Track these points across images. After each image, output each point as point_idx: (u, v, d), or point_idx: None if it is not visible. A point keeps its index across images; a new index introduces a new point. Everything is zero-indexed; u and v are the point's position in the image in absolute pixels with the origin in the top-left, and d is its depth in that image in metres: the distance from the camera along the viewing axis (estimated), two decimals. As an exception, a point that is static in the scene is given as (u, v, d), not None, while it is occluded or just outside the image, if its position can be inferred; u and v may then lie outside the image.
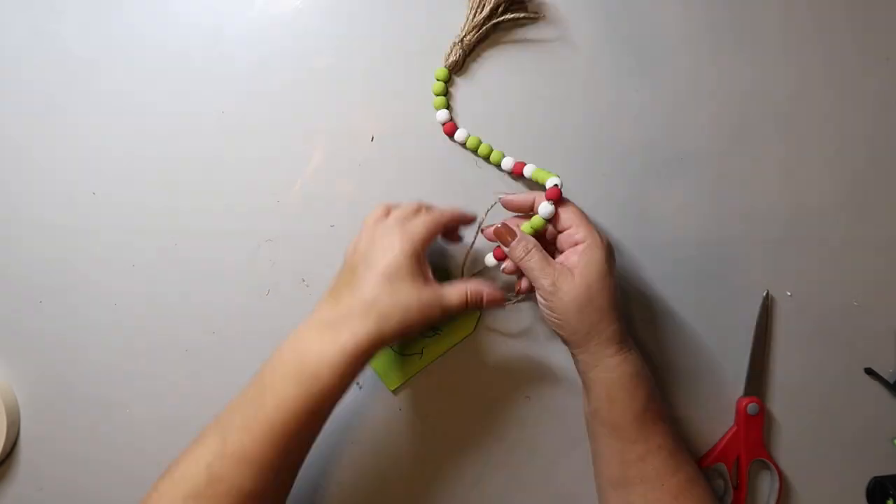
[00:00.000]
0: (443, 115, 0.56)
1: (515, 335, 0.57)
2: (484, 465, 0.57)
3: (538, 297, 0.50)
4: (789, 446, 0.57)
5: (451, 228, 0.54)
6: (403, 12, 0.57)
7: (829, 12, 0.58)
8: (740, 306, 0.57)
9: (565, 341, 0.51)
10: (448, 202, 0.57)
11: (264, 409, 0.45)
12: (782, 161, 0.57)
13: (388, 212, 0.51)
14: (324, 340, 0.45)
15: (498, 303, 0.51)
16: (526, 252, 0.50)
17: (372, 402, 0.57)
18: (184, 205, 0.58)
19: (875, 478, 0.57)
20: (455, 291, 0.48)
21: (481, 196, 0.57)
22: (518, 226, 0.51)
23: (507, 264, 0.52)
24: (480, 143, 0.56)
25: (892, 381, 0.57)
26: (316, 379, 0.45)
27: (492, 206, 0.54)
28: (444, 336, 0.56)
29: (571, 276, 0.48)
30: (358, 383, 0.57)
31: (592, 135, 0.57)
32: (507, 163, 0.56)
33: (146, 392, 0.58)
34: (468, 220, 0.54)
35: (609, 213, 0.57)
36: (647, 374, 0.50)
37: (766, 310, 0.57)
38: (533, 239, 0.50)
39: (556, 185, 0.50)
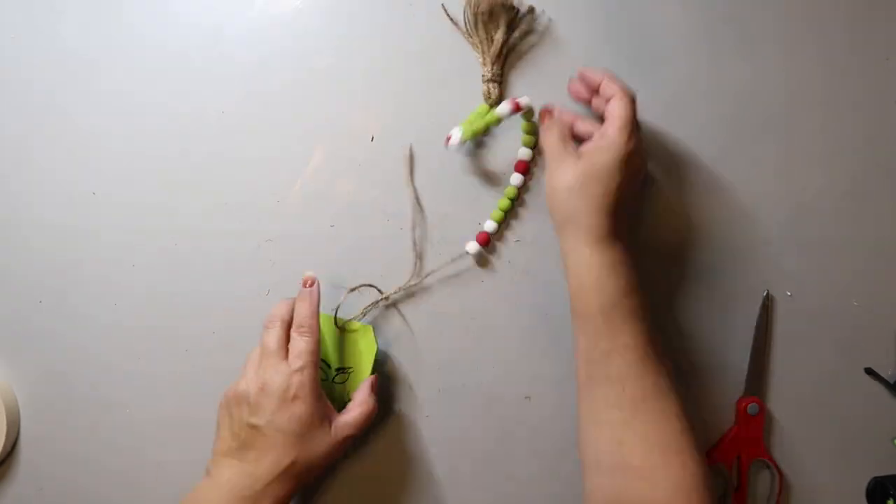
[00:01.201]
0: (524, 152, 0.56)
1: (515, 336, 0.57)
2: (483, 465, 0.57)
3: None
4: (789, 446, 0.57)
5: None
6: (403, 12, 0.57)
7: (829, 12, 0.58)
8: (740, 306, 0.57)
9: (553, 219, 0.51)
10: (447, 201, 0.57)
11: None
12: (782, 160, 0.57)
13: (287, 327, 0.52)
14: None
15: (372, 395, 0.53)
16: (548, 130, 0.51)
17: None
18: (184, 205, 0.58)
19: (875, 478, 0.57)
20: (351, 420, 0.51)
21: (478, 193, 0.57)
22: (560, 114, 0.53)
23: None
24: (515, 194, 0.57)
25: (892, 381, 0.57)
26: None
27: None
28: (354, 374, 0.55)
29: (575, 162, 0.49)
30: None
31: (592, 135, 0.57)
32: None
33: (146, 392, 0.58)
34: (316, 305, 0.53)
35: (609, 213, 0.57)
36: (624, 271, 0.48)
37: (766, 310, 0.57)
38: (561, 121, 0.51)
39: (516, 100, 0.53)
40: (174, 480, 0.57)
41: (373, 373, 0.55)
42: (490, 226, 0.57)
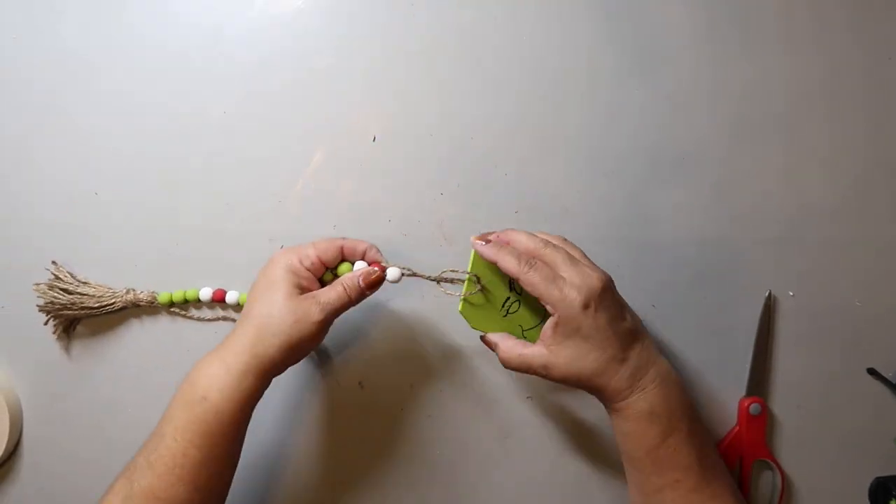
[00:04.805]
0: None
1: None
2: (485, 464, 0.57)
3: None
4: (792, 446, 0.57)
5: (367, 258, 0.51)
6: (404, 12, 0.57)
7: (830, 12, 0.57)
8: (742, 306, 0.57)
9: None
10: (448, 200, 0.57)
11: (164, 440, 0.45)
12: (784, 161, 0.57)
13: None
14: (212, 364, 0.46)
15: (378, 277, 0.50)
16: (508, 356, 0.49)
17: (374, 401, 0.57)
18: (185, 205, 0.58)
19: (878, 478, 0.57)
20: (332, 289, 0.48)
21: (480, 193, 0.57)
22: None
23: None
24: None
25: (894, 382, 0.57)
26: (204, 400, 0.45)
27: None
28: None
29: (553, 356, 0.47)
30: (361, 383, 0.57)
31: (593, 135, 0.57)
32: None
33: (147, 392, 0.58)
34: (359, 252, 0.51)
35: (610, 213, 0.57)
36: (667, 409, 0.47)
37: (769, 310, 0.57)
38: (507, 340, 0.49)
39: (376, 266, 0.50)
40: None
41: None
42: None
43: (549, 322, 0.47)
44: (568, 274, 0.46)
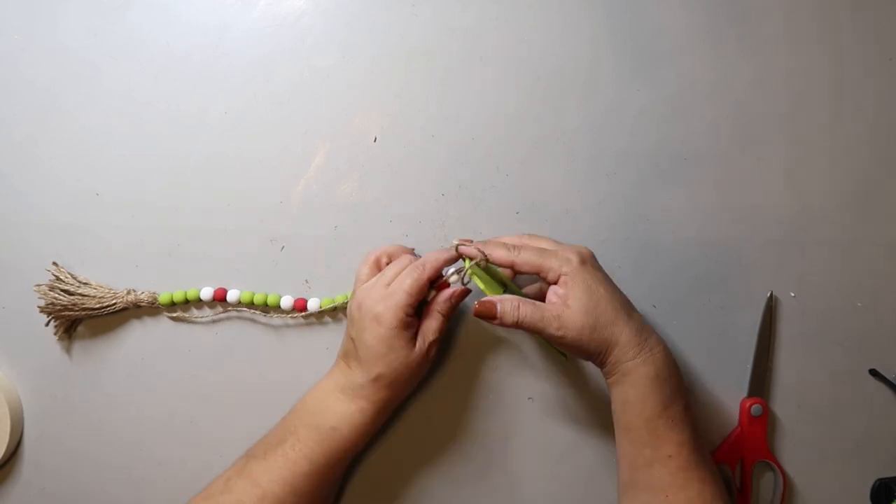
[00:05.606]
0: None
1: (519, 336, 0.57)
2: (486, 465, 0.57)
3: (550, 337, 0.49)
4: (793, 448, 0.57)
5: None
6: (406, 12, 0.57)
7: (832, 12, 0.57)
8: (744, 307, 0.57)
9: (590, 360, 0.50)
10: (450, 201, 0.57)
11: (283, 445, 0.50)
12: (785, 161, 0.57)
13: (377, 264, 0.54)
14: (344, 402, 0.51)
15: (457, 297, 0.53)
16: (516, 312, 0.49)
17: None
18: (187, 205, 0.58)
19: (879, 479, 0.57)
20: (427, 331, 0.52)
21: (481, 194, 0.57)
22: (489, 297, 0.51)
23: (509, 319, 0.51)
24: None
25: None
26: (334, 431, 0.51)
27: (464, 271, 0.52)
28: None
29: (567, 308, 0.48)
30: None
31: (594, 135, 0.57)
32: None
33: (148, 392, 0.58)
34: (451, 261, 0.53)
35: (611, 213, 0.57)
36: (669, 377, 0.48)
37: (770, 311, 0.57)
38: (512, 298, 0.49)
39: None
40: (178, 479, 0.57)
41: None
42: None
43: (554, 286, 0.49)
44: (555, 248, 0.50)
